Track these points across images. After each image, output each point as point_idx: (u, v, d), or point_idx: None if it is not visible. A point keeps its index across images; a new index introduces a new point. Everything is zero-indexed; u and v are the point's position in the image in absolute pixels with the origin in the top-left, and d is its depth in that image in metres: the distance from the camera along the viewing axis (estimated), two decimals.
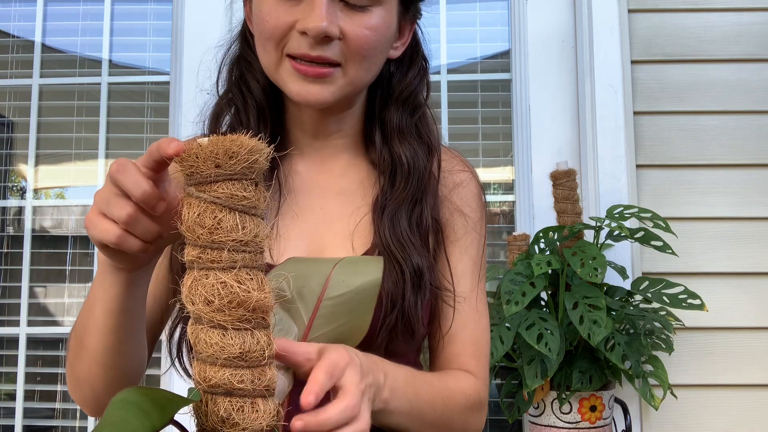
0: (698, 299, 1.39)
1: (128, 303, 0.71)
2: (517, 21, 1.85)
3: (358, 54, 0.82)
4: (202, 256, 0.52)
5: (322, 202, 0.91)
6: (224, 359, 0.52)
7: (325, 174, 0.93)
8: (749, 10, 1.72)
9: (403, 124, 0.91)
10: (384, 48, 0.85)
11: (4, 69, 2.01)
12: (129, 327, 0.74)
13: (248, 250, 0.53)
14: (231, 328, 0.52)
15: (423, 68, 0.95)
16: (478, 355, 0.91)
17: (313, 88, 0.82)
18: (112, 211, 0.61)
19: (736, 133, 1.69)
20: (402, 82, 0.92)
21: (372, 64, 0.85)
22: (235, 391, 0.53)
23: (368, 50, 0.82)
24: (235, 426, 0.52)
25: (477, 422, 0.89)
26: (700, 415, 1.62)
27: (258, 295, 0.53)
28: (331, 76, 0.82)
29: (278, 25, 0.81)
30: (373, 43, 0.82)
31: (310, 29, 0.78)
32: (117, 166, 0.61)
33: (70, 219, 2.00)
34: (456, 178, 0.95)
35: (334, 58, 0.81)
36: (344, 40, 0.81)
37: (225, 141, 0.51)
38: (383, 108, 0.92)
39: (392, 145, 0.91)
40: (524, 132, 1.81)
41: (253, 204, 0.53)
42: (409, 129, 0.92)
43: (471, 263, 0.93)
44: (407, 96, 0.92)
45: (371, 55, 0.83)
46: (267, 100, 0.90)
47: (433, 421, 0.82)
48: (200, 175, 0.52)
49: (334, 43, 0.81)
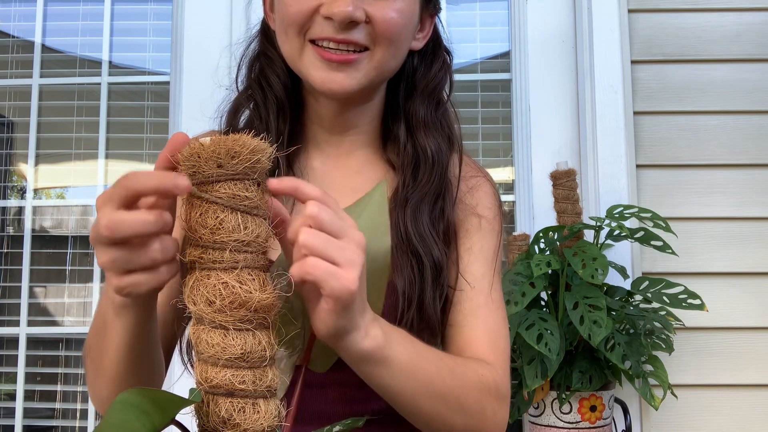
0: (698, 299, 1.39)
1: (145, 328, 0.67)
2: (517, 21, 1.85)
3: (386, 37, 0.80)
4: (203, 257, 0.52)
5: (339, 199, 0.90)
6: (226, 360, 0.52)
7: (342, 170, 0.92)
8: (749, 10, 1.72)
9: (428, 117, 0.90)
10: (409, 35, 0.85)
11: (4, 69, 2.01)
12: (147, 348, 0.70)
13: (250, 251, 0.53)
14: (232, 328, 0.52)
15: (446, 62, 0.95)
16: (494, 344, 0.84)
17: (338, 75, 0.80)
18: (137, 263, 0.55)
19: (736, 133, 1.69)
20: (427, 75, 0.91)
21: (398, 50, 0.84)
22: (236, 392, 0.53)
23: (396, 33, 0.81)
24: (236, 427, 0.52)
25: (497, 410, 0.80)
26: (700, 415, 1.62)
27: (259, 296, 0.53)
28: (357, 61, 0.80)
29: (301, 10, 0.80)
30: (400, 26, 0.81)
31: (336, 14, 0.77)
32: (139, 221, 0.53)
33: (70, 219, 2.00)
34: (469, 183, 0.94)
35: (362, 41, 0.80)
36: (371, 23, 0.80)
37: (227, 141, 0.51)
38: (407, 101, 0.91)
39: (417, 138, 0.89)
40: (524, 132, 1.81)
41: (255, 204, 0.53)
42: (434, 122, 0.91)
43: (482, 256, 0.90)
44: (432, 89, 0.91)
45: (399, 39, 0.82)
46: (287, 96, 0.89)
47: (439, 391, 0.72)
48: (202, 175, 0.52)
49: (360, 27, 0.79)
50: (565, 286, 1.40)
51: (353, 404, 0.85)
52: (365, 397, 0.84)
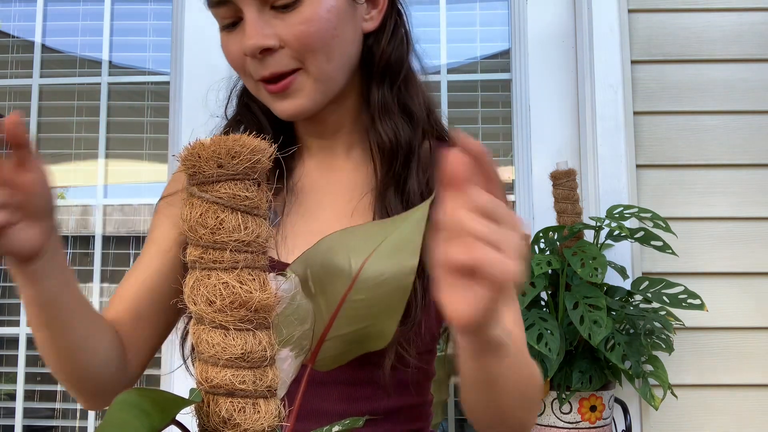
0: (698, 299, 1.39)
1: (45, 297, 0.74)
2: (517, 21, 1.85)
3: (307, 51, 0.80)
4: (204, 256, 0.52)
5: (333, 199, 0.91)
6: (226, 360, 0.52)
7: (339, 173, 0.92)
8: (750, 10, 1.72)
9: (386, 99, 0.88)
10: (333, 31, 0.80)
11: (4, 69, 2.01)
12: (59, 321, 0.76)
13: (250, 251, 0.53)
14: (233, 328, 0.52)
15: (397, 24, 0.89)
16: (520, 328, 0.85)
17: (286, 103, 0.83)
18: None
19: (736, 133, 1.69)
20: (377, 52, 0.87)
21: (328, 52, 0.81)
22: (236, 392, 0.53)
23: (314, 42, 0.79)
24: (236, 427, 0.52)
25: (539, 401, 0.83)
26: (700, 415, 1.62)
27: (260, 296, 0.53)
28: (294, 83, 0.81)
29: (234, 57, 0.83)
30: (313, 33, 0.79)
31: (246, 49, 0.79)
32: None
33: (70, 219, 2.00)
34: None
35: (287, 67, 0.81)
36: (286, 44, 0.80)
37: (227, 141, 0.51)
38: (367, 88, 0.89)
39: (376, 126, 0.87)
40: (524, 132, 1.82)
41: (256, 204, 0.53)
42: (391, 103, 0.88)
43: None
44: (384, 65, 0.87)
45: (319, 45, 0.80)
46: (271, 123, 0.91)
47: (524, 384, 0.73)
48: (203, 174, 0.52)
49: (279, 53, 0.80)
50: (565, 286, 1.40)
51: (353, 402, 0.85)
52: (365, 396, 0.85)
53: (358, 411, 0.84)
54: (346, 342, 0.69)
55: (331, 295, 0.68)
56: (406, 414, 0.88)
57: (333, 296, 0.68)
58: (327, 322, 0.68)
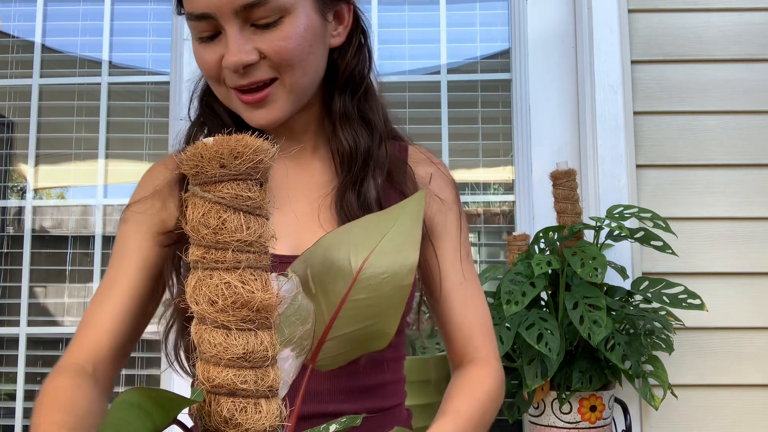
0: (698, 299, 1.40)
1: None
2: (517, 21, 1.85)
3: (286, 65, 0.84)
4: (206, 256, 0.52)
5: (302, 195, 0.94)
6: (228, 359, 0.52)
7: (308, 172, 0.96)
8: (749, 10, 1.72)
9: (347, 108, 0.94)
10: (309, 48, 0.86)
11: (4, 69, 2.01)
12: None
13: (252, 251, 0.53)
14: (234, 328, 0.52)
15: (361, 43, 0.96)
16: (486, 333, 0.95)
17: (260, 112, 0.86)
18: None
19: (736, 133, 1.69)
20: (341, 65, 0.93)
21: (305, 67, 0.86)
22: (238, 392, 0.53)
23: (293, 57, 0.84)
24: (238, 426, 0.53)
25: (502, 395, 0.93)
26: (700, 415, 1.62)
27: (262, 296, 0.53)
28: (270, 95, 0.85)
29: (210, 67, 0.86)
30: (292, 50, 0.84)
31: (228, 66, 0.83)
32: None
33: (70, 219, 2.00)
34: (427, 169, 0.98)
35: (266, 76, 0.84)
36: (266, 58, 0.84)
37: (230, 141, 0.51)
38: (330, 98, 0.94)
39: (336, 133, 0.93)
40: (524, 132, 1.82)
41: (258, 204, 0.53)
42: (352, 112, 0.94)
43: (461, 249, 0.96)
44: (347, 77, 0.94)
45: (299, 60, 0.85)
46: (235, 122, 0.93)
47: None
48: (205, 175, 0.52)
49: (259, 64, 0.84)
50: (565, 286, 1.40)
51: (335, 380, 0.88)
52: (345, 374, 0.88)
53: (352, 387, 0.89)
54: (347, 341, 0.69)
55: (332, 294, 0.68)
56: (382, 391, 0.93)
57: (334, 296, 0.68)
58: (328, 321, 0.68)
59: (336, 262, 0.69)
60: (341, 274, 0.68)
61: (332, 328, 0.68)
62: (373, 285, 0.68)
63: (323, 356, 0.70)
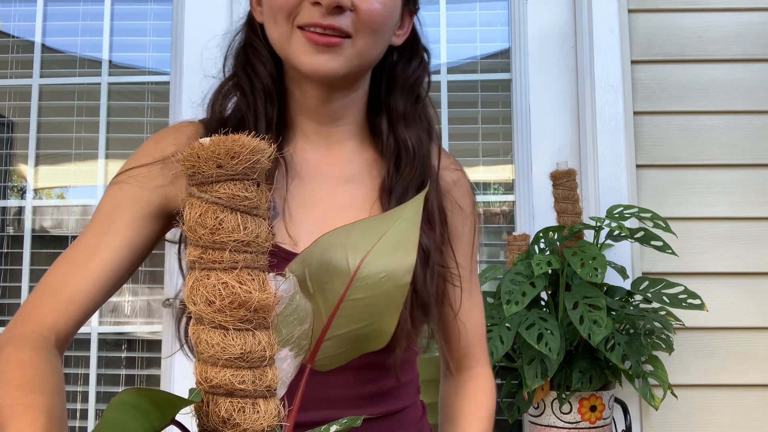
0: (698, 299, 1.39)
1: None
2: (517, 21, 1.85)
3: (369, 26, 0.84)
4: (203, 257, 0.52)
5: (332, 189, 0.92)
6: (225, 360, 0.52)
7: (333, 160, 0.93)
8: (749, 10, 1.72)
9: (408, 110, 0.94)
10: (390, 27, 0.87)
11: (4, 69, 2.01)
12: None
13: (250, 251, 0.53)
14: (232, 328, 0.52)
15: (424, 60, 0.98)
16: (483, 341, 1.00)
17: (323, 58, 0.83)
18: None
19: (736, 133, 1.69)
20: (406, 70, 0.94)
21: (379, 40, 0.86)
22: (236, 392, 0.53)
23: (378, 23, 0.84)
24: (236, 426, 0.52)
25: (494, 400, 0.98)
26: (700, 415, 1.62)
27: (259, 296, 0.53)
28: (340, 45, 0.83)
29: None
30: (382, 17, 0.84)
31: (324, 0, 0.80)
32: None
33: (70, 219, 2.00)
34: (452, 176, 0.99)
35: (345, 28, 0.83)
36: (356, 11, 0.83)
37: (227, 141, 0.51)
38: (388, 95, 0.95)
39: (397, 131, 0.93)
40: (524, 132, 1.82)
41: (255, 204, 0.53)
42: (414, 116, 0.94)
43: (469, 255, 0.98)
44: (411, 84, 0.95)
45: (380, 29, 0.85)
46: (274, 84, 0.91)
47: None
48: (202, 175, 0.52)
49: (345, 14, 0.82)
50: (565, 286, 1.40)
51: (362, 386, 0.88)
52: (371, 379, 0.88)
53: (365, 393, 0.88)
54: (346, 341, 0.69)
55: (330, 294, 0.68)
56: (396, 392, 0.93)
57: (331, 295, 0.68)
58: (325, 321, 0.68)
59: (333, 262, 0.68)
60: (339, 273, 0.68)
61: (330, 327, 0.68)
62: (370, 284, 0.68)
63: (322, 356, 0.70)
